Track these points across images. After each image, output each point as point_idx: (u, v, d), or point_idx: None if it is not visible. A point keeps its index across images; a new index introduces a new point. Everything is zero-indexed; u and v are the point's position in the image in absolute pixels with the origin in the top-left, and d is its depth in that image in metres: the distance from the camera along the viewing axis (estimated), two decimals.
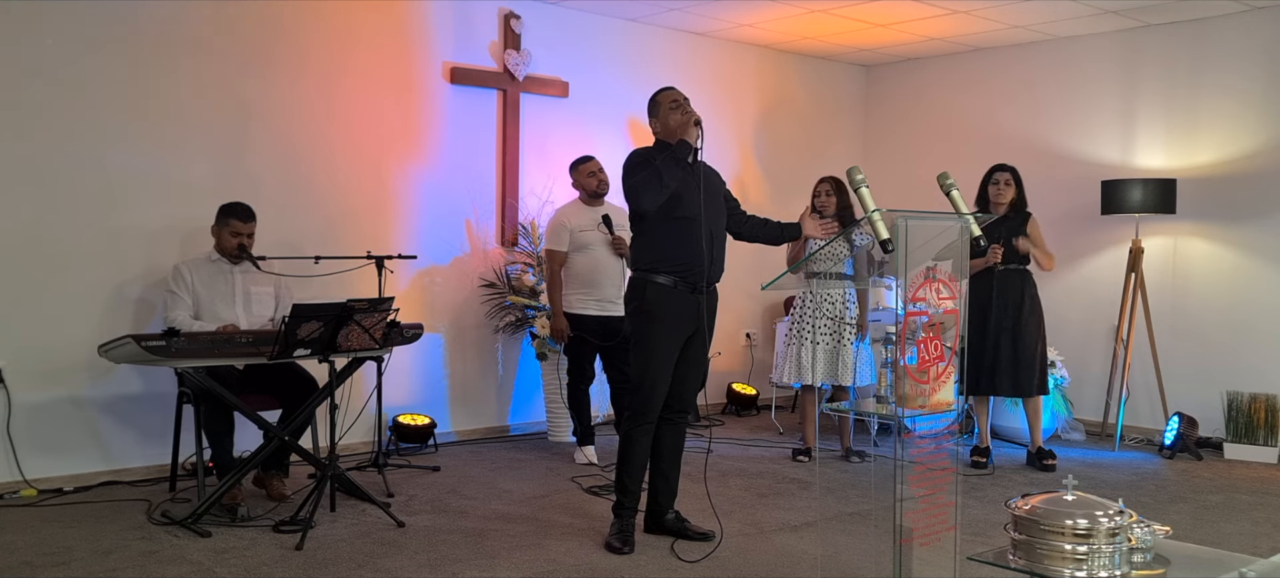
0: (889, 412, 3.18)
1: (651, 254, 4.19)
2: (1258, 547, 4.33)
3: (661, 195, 4.11)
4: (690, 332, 4.24)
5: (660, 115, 4.27)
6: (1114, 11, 6.62)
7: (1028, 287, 5.86)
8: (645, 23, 7.18)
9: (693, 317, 4.21)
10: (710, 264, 4.22)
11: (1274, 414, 6.21)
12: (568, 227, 5.77)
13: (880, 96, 8.57)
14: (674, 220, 4.14)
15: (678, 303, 4.16)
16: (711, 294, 4.31)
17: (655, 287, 4.17)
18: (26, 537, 4.28)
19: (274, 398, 4.95)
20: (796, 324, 5.86)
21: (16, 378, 4.98)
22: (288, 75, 5.74)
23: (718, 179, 4.41)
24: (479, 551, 4.17)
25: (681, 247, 4.13)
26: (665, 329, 4.17)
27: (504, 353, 6.65)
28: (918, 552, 3.13)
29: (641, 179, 4.13)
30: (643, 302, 4.19)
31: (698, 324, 4.24)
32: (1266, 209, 6.50)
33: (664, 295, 4.15)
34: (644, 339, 4.20)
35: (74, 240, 5.13)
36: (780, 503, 5.01)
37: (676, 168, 4.11)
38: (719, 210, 4.33)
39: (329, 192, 5.90)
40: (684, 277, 4.15)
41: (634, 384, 4.25)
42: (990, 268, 5.77)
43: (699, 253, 4.15)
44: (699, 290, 4.20)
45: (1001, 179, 5.88)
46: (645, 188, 4.11)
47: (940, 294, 3.18)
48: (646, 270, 4.20)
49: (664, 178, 4.09)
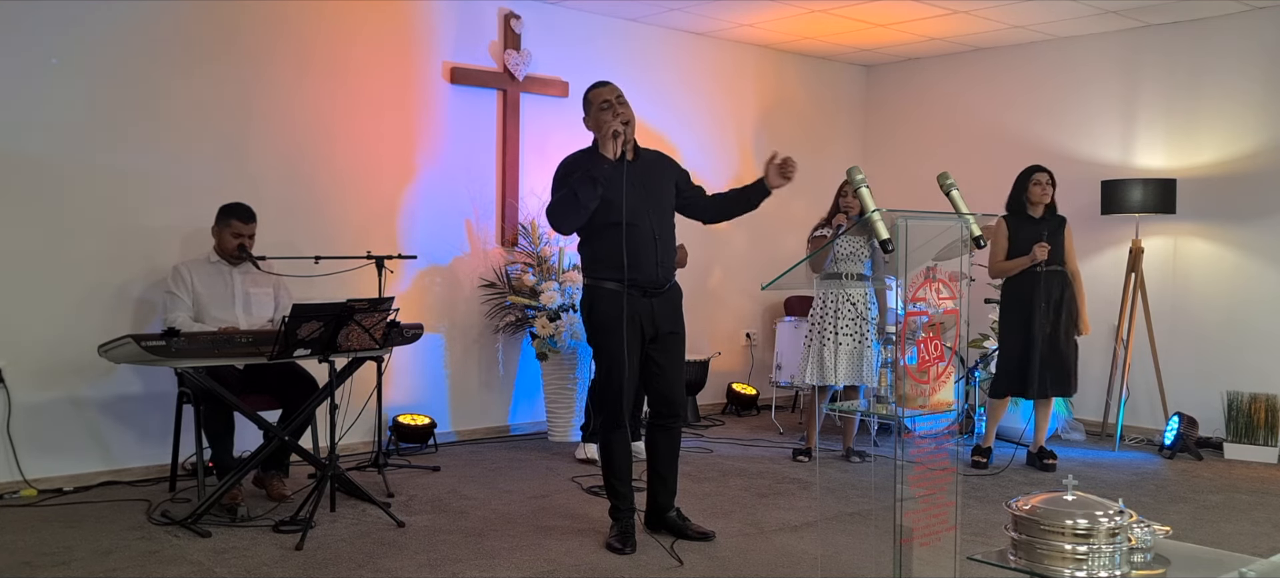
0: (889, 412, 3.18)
1: (595, 262, 4.14)
2: (1258, 547, 4.33)
3: (581, 218, 4.02)
4: (650, 334, 4.18)
5: (591, 115, 4.15)
6: (1114, 12, 6.62)
7: (1068, 288, 5.84)
8: (645, 23, 7.18)
9: (649, 319, 4.15)
10: (656, 267, 4.12)
11: (1274, 414, 6.21)
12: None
13: (880, 96, 8.57)
14: (611, 226, 4.04)
15: (630, 307, 4.08)
16: (671, 292, 4.23)
17: (604, 293, 4.10)
18: (26, 537, 4.28)
19: (274, 398, 4.95)
20: (817, 325, 5.79)
21: (16, 378, 4.98)
22: (288, 75, 5.74)
23: (665, 169, 4.27)
24: (479, 551, 4.17)
25: (624, 253, 4.02)
26: (620, 335, 4.07)
27: (504, 353, 6.65)
28: (918, 552, 3.13)
29: (557, 203, 4.04)
30: (593, 311, 4.15)
31: (657, 327, 4.17)
32: (1266, 209, 6.50)
33: (614, 301, 4.07)
34: (602, 347, 4.16)
35: (74, 240, 5.13)
36: (780, 503, 5.01)
37: (591, 187, 3.98)
38: (663, 205, 4.19)
39: (329, 191, 5.90)
40: (632, 282, 4.07)
41: (599, 392, 4.22)
42: (1033, 268, 5.74)
43: (645, 258, 4.07)
44: (651, 294, 4.14)
45: (1042, 179, 5.85)
46: (562, 214, 4.03)
47: (940, 294, 3.18)
48: (595, 278, 4.15)
49: (580, 199, 3.98)
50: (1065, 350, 5.83)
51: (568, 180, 4.07)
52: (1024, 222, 5.83)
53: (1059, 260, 5.80)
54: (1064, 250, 5.83)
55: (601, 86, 4.17)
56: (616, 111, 4.06)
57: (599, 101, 4.12)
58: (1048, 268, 5.76)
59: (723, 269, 7.57)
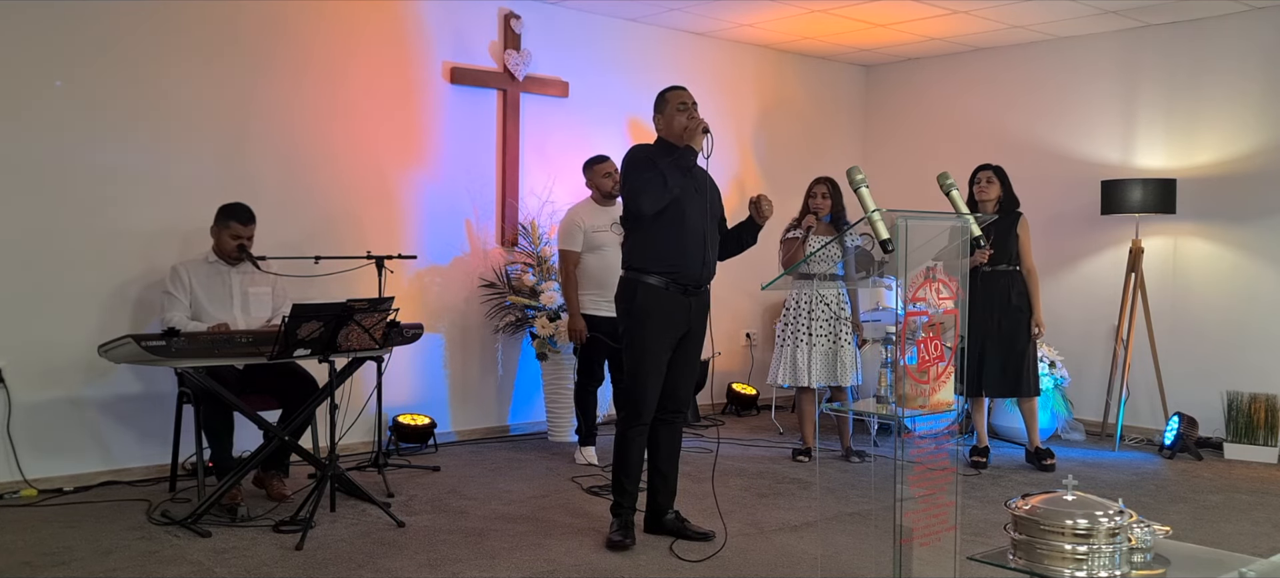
0: (889, 412, 3.18)
1: (644, 254, 4.17)
2: (1258, 547, 4.33)
3: (663, 200, 4.08)
4: (682, 333, 4.23)
5: (666, 114, 4.24)
6: (1114, 11, 6.62)
7: (1016, 287, 5.85)
8: (645, 23, 7.18)
9: (684, 318, 4.20)
10: (702, 267, 4.20)
11: (1274, 414, 6.21)
12: (582, 227, 5.73)
13: (880, 96, 8.57)
14: (670, 223, 4.12)
15: (669, 304, 4.15)
16: (705, 294, 4.30)
17: (646, 287, 4.15)
18: (26, 537, 4.28)
19: (274, 398, 4.95)
20: (790, 326, 5.84)
21: (16, 378, 4.98)
22: (288, 75, 5.74)
23: (715, 188, 4.39)
24: (479, 551, 4.17)
25: (675, 249, 4.12)
26: (657, 330, 4.15)
27: (504, 353, 6.65)
28: (918, 552, 3.13)
29: (645, 181, 4.10)
30: (634, 302, 4.18)
31: (689, 325, 4.23)
32: (1266, 209, 6.50)
33: (655, 296, 4.14)
34: (636, 340, 4.19)
35: (74, 240, 5.13)
36: (780, 503, 5.01)
37: (680, 175, 4.09)
38: (713, 216, 4.31)
39: (329, 192, 5.90)
40: (676, 278, 4.14)
41: (626, 385, 4.25)
42: (976, 269, 5.76)
43: (693, 256, 4.14)
44: (690, 293, 4.19)
45: (983, 177, 5.89)
46: (647, 191, 4.08)
47: (940, 294, 3.18)
48: (638, 270, 4.19)
49: (668, 183, 4.06)
50: (1014, 352, 5.82)
51: (640, 166, 4.16)
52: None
53: (1008, 260, 5.81)
54: (1018, 248, 5.83)
55: (680, 89, 4.28)
56: (694, 116, 4.18)
57: (677, 102, 4.22)
58: (992, 268, 5.77)
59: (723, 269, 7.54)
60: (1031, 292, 5.89)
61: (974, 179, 5.93)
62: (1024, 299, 5.86)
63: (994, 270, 5.80)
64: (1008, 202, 5.90)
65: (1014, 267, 5.85)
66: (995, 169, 5.93)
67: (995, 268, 5.80)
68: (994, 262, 5.79)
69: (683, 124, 4.16)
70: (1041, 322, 5.93)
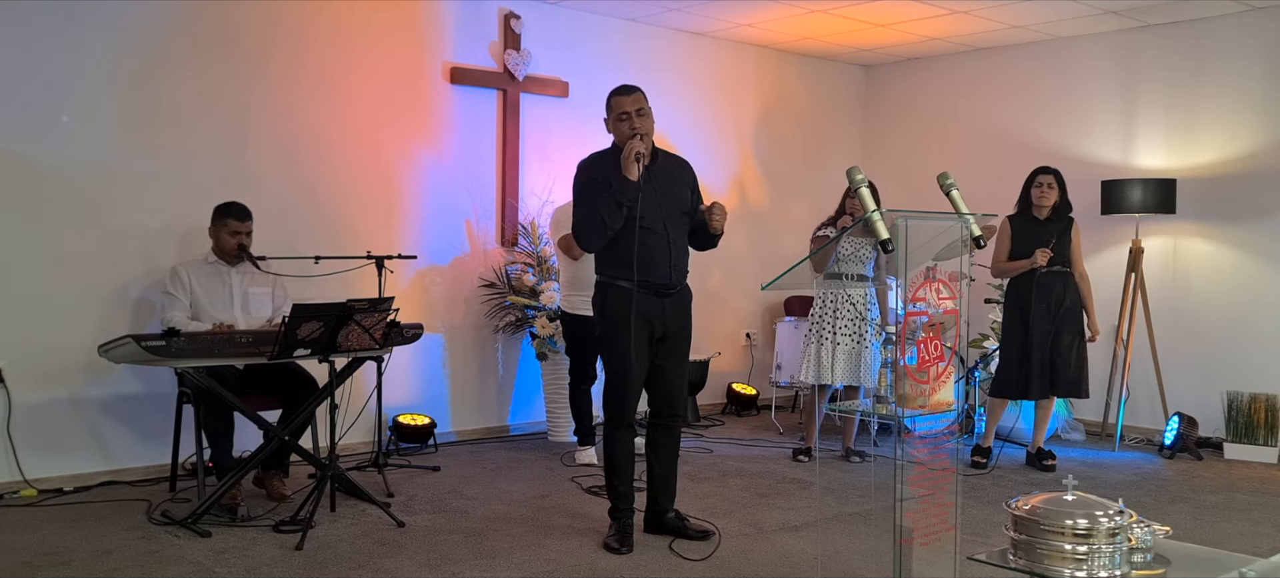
0: (889, 412, 3.18)
1: (612, 259, 4.15)
2: (1258, 547, 4.33)
3: (604, 238, 4.07)
4: (659, 334, 4.20)
5: (610, 120, 4.19)
6: (1114, 11, 6.62)
7: (1069, 289, 5.82)
8: (645, 23, 7.18)
9: (659, 319, 4.18)
10: (671, 270, 4.16)
11: (1274, 414, 6.21)
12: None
13: (880, 96, 8.57)
14: (630, 233, 4.06)
15: (642, 305, 4.10)
16: (682, 293, 4.26)
17: (618, 290, 4.13)
18: (26, 537, 4.28)
19: (274, 398, 4.95)
20: (816, 325, 5.79)
21: (16, 378, 4.98)
22: (288, 75, 5.74)
23: (682, 176, 4.29)
24: (479, 551, 4.17)
25: (640, 257, 4.05)
26: (631, 332, 4.09)
27: (504, 353, 6.65)
28: (918, 552, 3.13)
29: (588, 218, 4.08)
30: (606, 306, 4.17)
31: (666, 327, 4.20)
32: (1266, 209, 6.50)
33: (627, 299, 4.09)
34: (611, 343, 4.17)
35: (74, 241, 5.13)
36: (780, 503, 5.01)
37: (616, 210, 4.02)
38: (678, 210, 4.22)
39: (329, 192, 5.90)
40: (645, 282, 4.10)
41: (606, 388, 4.25)
42: (1033, 271, 5.72)
43: (659, 261, 4.11)
44: (662, 294, 4.17)
45: (1045, 182, 5.82)
46: (588, 231, 4.09)
47: (940, 294, 3.18)
48: (609, 276, 4.17)
49: (606, 221, 4.03)
50: (1071, 353, 5.81)
51: (588, 189, 4.11)
52: (1029, 222, 5.83)
53: (1063, 262, 5.79)
54: (1070, 252, 5.82)
55: (624, 94, 4.16)
56: (634, 126, 4.08)
57: (619, 112, 4.13)
58: (1048, 270, 5.75)
59: (723, 269, 7.56)
60: (1085, 295, 5.87)
61: (1033, 182, 5.86)
62: (1077, 301, 5.85)
63: (1050, 272, 5.77)
64: (1062, 206, 5.87)
65: (1067, 269, 5.82)
66: (1055, 173, 5.87)
67: (1050, 270, 5.77)
68: (1052, 263, 5.75)
69: (625, 135, 4.09)
70: (1096, 325, 5.92)
